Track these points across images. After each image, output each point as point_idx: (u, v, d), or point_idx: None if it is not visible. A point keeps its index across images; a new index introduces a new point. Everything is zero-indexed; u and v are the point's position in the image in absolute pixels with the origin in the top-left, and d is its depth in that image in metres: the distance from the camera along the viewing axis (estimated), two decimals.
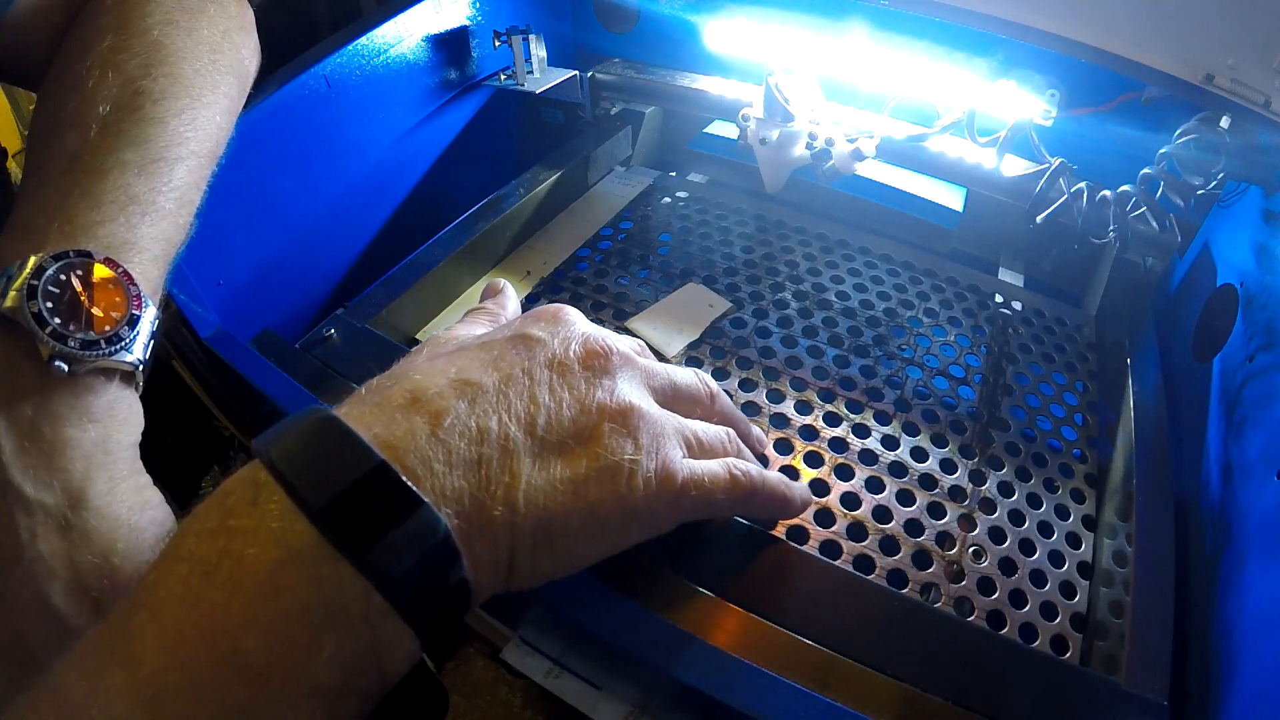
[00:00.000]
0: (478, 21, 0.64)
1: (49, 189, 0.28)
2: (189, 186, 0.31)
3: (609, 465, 0.25)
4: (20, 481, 0.24)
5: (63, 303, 0.25)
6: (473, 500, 0.22)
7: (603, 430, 0.25)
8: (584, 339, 0.27)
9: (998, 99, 0.50)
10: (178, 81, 0.32)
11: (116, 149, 0.29)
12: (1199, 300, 0.48)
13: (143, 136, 0.30)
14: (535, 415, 0.24)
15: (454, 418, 0.23)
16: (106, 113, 0.30)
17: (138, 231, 0.29)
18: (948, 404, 0.47)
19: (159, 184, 0.30)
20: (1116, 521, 0.40)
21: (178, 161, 0.31)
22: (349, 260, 0.61)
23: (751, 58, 0.61)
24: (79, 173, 0.28)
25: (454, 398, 0.23)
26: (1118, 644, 0.33)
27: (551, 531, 0.24)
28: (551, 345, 0.27)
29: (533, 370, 0.25)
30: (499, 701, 0.82)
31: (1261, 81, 0.41)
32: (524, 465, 0.24)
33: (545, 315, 0.29)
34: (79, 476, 0.25)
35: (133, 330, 0.27)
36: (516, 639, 0.35)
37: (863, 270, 0.57)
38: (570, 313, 0.29)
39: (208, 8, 0.36)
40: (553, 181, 0.62)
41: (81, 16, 0.33)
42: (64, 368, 0.25)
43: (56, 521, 0.24)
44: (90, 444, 0.26)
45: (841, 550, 0.38)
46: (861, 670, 0.30)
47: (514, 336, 0.27)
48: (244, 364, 0.40)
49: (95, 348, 0.26)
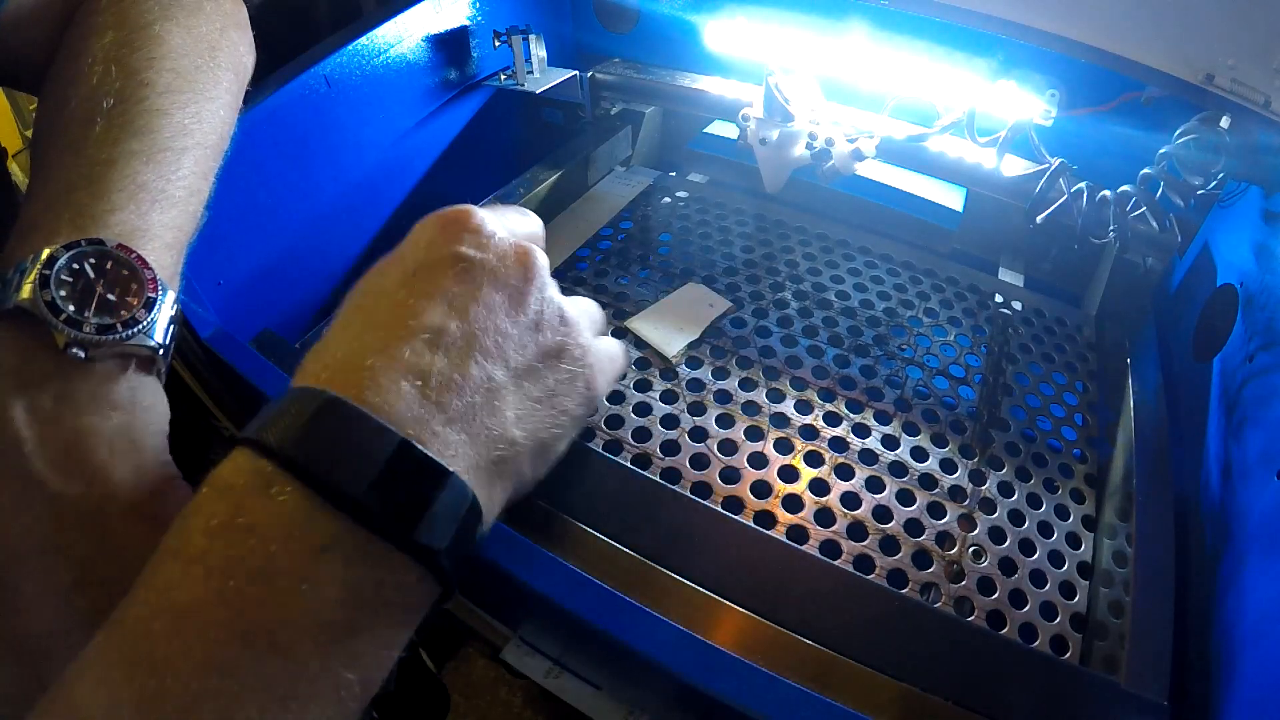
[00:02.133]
0: (478, 21, 0.64)
1: (56, 184, 0.28)
2: (196, 176, 0.31)
3: (571, 374, 0.28)
4: (42, 471, 0.23)
5: (76, 290, 0.25)
6: (476, 449, 0.23)
7: (557, 344, 0.27)
8: (510, 248, 0.27)
9: (998, 99, 0.50)
10: (180, 75, 0.32)
11: (123, 140, 0.29)
12: (1199, 300, 0.48)
13: (149, 127, 0.30)
14: (505, 347, 0.25)
15: (438, 375, 0.23)
16: (111, 106, 0.29)
17: (149, 219, 0.28)
18: (948, 404, 0.47)
19: (167, 172, 0.29)
20: (1116, 521, 0.40)
21: (184, 152, 0.31)
22: (349, 260, 0.60)
23: (751, 58, 0.61)
24: (86, 165, 0.28)
25: (429, 353, 0.23)
26: (1118, 644, 0.33)
27: (545, 445, 0.27)
28: (490, 262, 0.26)
29: (486, 299, 0.25)
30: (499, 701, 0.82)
31: (1261, 81, 0.41)
32: (510, 398, 0.25)
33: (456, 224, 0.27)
34: (102, 466, 0.24)
35: (150, 314, 0.26)
36: (516, 639, 0.35)
37: (863, 270, 0.57)
38: (473, 214, 0.27)
39: (204, 5, 0.36)
40: (553, 181, 0.62)
41: (78, 16, 0.33)
42: (80, 354, 0.25)
43: (79, 512, 0.24)
44: (113, 432, 0.25)
45: (841, 550, 0.38)
46: (861, 670, 0.30)
47: (448, 261, 0.25)
48: (244, 364, 0.40)
49: (111, 331, 0.25)
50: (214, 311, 0.45)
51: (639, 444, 0.42)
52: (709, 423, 0.44)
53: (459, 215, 0.27)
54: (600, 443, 0.43)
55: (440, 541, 0.21)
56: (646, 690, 0.33)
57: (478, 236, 0.26)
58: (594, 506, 0.34)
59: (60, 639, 0.23)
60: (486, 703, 0.83)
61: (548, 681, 0.34)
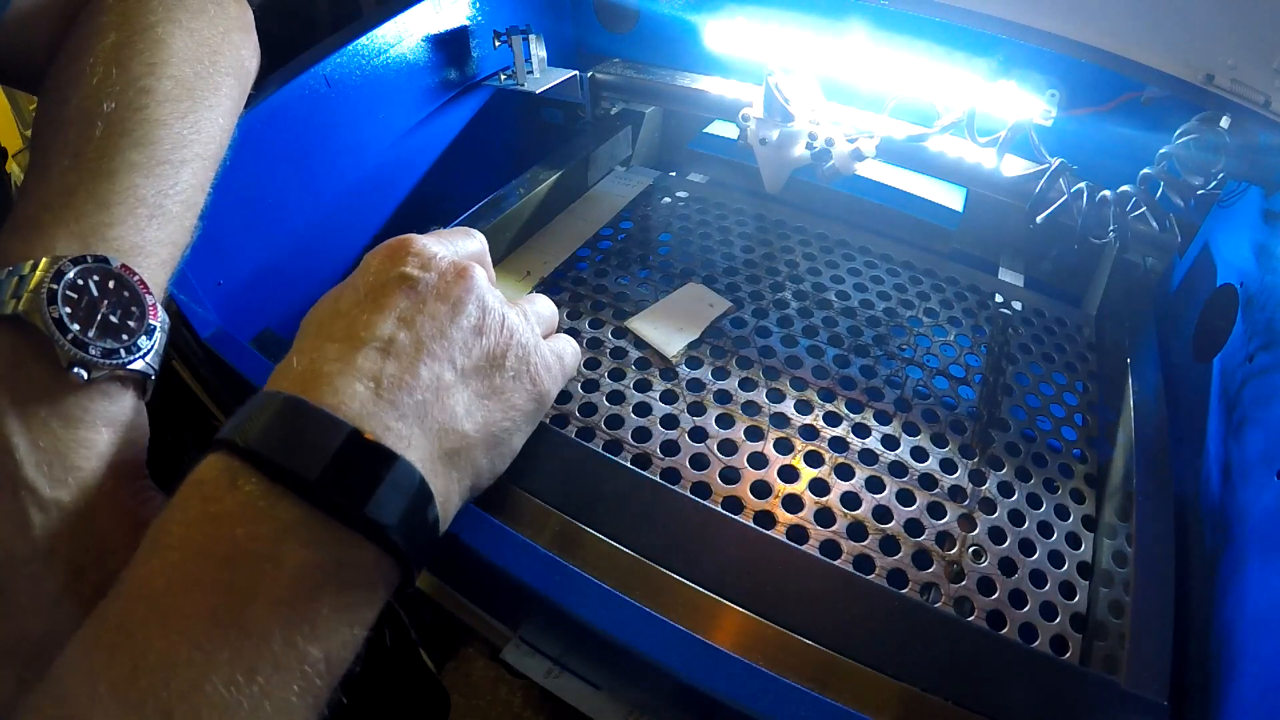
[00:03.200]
0: (478, 21, 0.64)
1: (54, 185, 0.28)
2: (194, 189, 0.32)
3: (515, 372, 0.30)
4: (34, 478, 0.24)
5: (81, 308, 0.26)
6: (429, 441, 0.26)
7: (500, 346, 0.30)
8: (449, 265, 0.30)
9: (998, 99, 0.50)
10: (180, 83, 0.32)
11: (123, 149, 0.29)
12: (1199, 300, 0.48)
13: (149, 138, 0.30)
14: (451, 350, 0.28)
15: (390, 377, 0.26)
16: (111, 110, 0.29)
17: (145, 235, 0.29)
18: (948, 404, 0.47)
19: (166, 187, 0.30)
20: (1116, 521, 0.40)
21: (183, 165, 0.31)
22: (349, 260, 0.60)
23: (751, 58, 0.61)
24: (85, 171, 0.28)
25: (381, 359, 0.26)
26: (1118, 644, 0.33)
27: (497, 438, 0.29)
28: (431, 279, 0.29)
29: (430, 310, 0.28)
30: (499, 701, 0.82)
31: (1261, 81, 0.41)
32: (459, 396, 0.28)
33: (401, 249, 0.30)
34: (92, 476, 0.25)
35: (150, 340, 0.28)
36: (516, 639, 0.35)
37: (863, 270, 0.57)
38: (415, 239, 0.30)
39: (208, 8, 0.36)
40: (553, 181, 0.62)
41: (81, 16, 0.33)
42: (83, 375, 0.25)
43: (69, 519, 0.24)
44: (104, 445, 0.26)
45: (841, 550, 0.38)
46: (861, 670, 0.30)
47: (395, 281, 0.29)
48: (244, 364, 0.40)
49: (115, 356, 0.26)
50: (214, 311, 0.45)
51: (639, 444, 0.42)
52: (709, 423, 0.44)
53: (403, 241, 0.30)
54: (600, 443, 0.43)
55: (389, 518, 0.23)
56: (647, 690, 0.33)
57: (420, 258, 0.30)
58: (594, 507, 0.34)
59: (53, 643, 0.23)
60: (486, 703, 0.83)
61: (548, 681, 0.34)
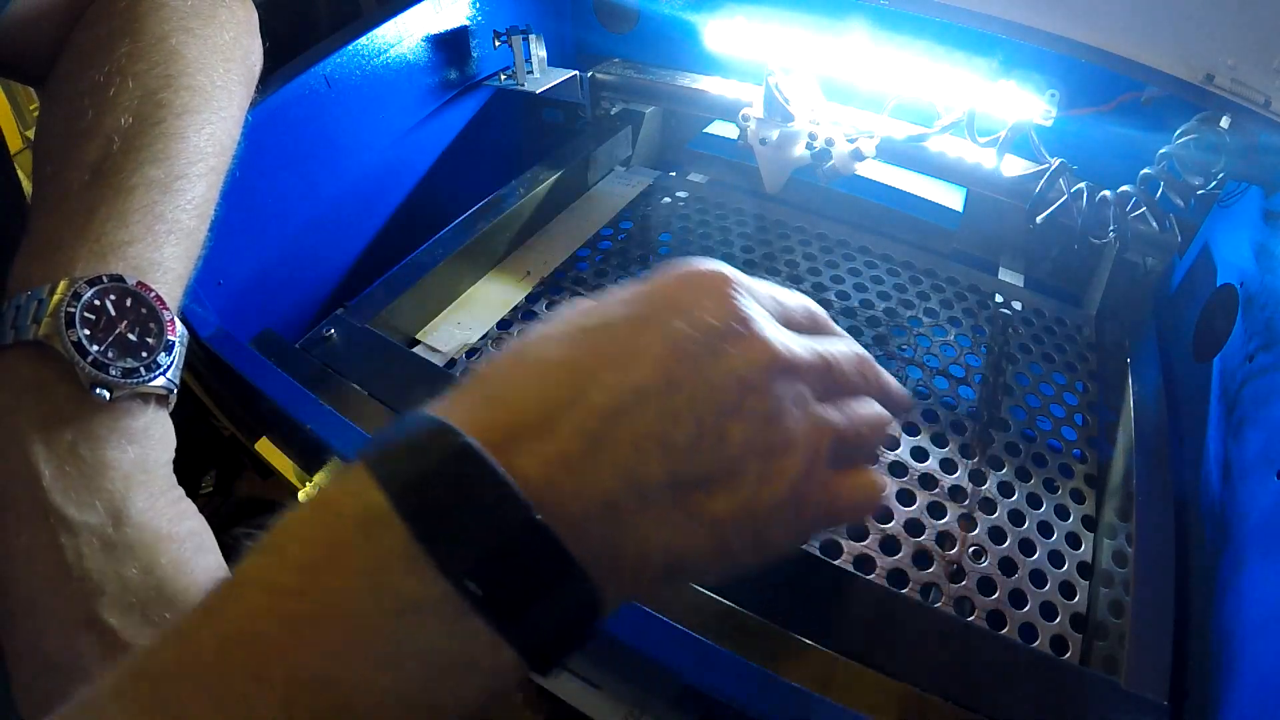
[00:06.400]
0: (478, 21, 0.64)
1: (73, 202, 0.28)
2: (208, 202, 0.32)
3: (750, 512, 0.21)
4: (62, 504, 0.24)
5: (99, 329, 0.26)
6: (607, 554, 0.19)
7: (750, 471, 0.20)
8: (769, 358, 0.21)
9: (998, 99, 0.50)
10: (197, 94, 0.32)
11: (141, 165, 0.29)
12: (1199, 300, 0.48)
13: (166, 153, 0.30)
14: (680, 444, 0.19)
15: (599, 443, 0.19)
16: (129, 125, 0.29)
17: (163, 251, 0.29)
18: (948, 404, 0.47)
19: (182, 201, 0.30)
20: (1116, 521, 0.40)
21: (199, 178, 0.31)
22: (349, 260, 0.60)
23: (751, 58, 0.61)
24: (104, 188, 0.28)
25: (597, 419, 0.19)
26: (1118, 644, 0.33)
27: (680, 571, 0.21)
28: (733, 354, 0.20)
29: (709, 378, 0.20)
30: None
31: (1261, 81, 0.41)
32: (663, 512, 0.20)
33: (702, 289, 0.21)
34: (119, 496, 0.25)
35: (169, 356, 0.28)
36: None
37: (863, 270, 0.57)
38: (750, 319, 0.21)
39: (219, 12, 0.35)
40: (553, 181, 0.62)
41: (89, 17, 0.33)
42: (105, 395, 0.25)
43: (100, 540, 0.25)
44: (129, 464, 0.26)
45: (842, 550, 0.38)
46: (861, 670, 0.30)
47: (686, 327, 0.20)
48: (244, 364, 0.40)
49: (135, 375, 0.26)
50: (214, 311, 0.45)
51: None
52: None
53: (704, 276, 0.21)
54: None
55: (540, 637, 0.18)
56: (647, 690, 0.33)
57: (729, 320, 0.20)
58: None
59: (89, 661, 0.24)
60: None
61: (548, 681, 0.34)
